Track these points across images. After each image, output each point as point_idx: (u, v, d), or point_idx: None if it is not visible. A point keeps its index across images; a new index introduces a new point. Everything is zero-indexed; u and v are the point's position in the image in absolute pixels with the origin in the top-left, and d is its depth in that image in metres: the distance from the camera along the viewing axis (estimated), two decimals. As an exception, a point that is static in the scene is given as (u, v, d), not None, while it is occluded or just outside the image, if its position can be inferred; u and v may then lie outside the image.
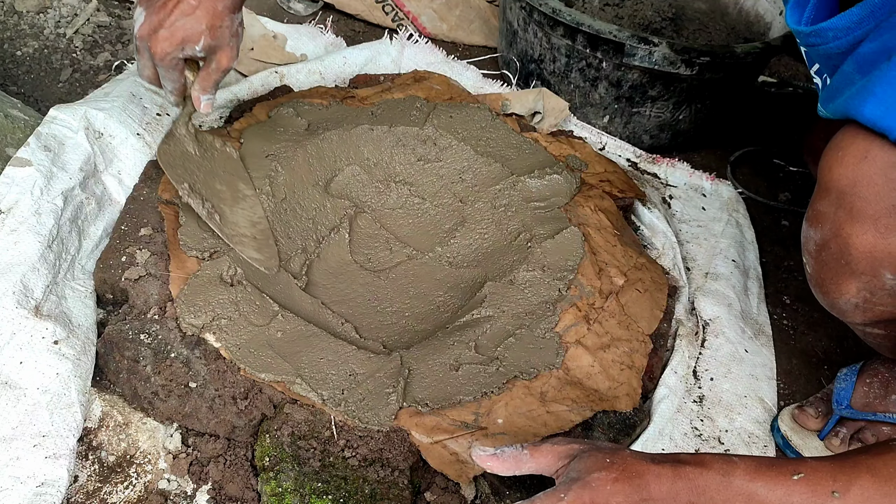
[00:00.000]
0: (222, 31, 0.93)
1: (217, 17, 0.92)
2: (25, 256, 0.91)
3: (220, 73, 0.97)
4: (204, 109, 0.98)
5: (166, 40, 0.90)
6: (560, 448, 0.69)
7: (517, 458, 0.70)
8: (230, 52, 0.96)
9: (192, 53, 0.93)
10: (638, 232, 1.25)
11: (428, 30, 1.67)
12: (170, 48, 0.91)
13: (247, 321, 0.92)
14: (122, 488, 0.85)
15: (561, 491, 0.64)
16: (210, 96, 0.98)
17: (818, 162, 1.51)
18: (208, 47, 0.93)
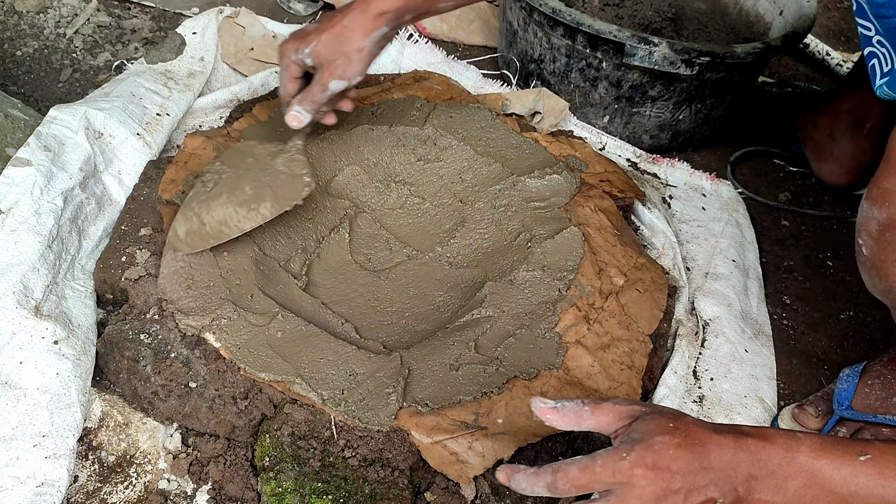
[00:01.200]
0: (339, 45, 0.89)
1: (343, 30, 0.88)
2: (25, 256, 0.91)
3: (320, 88, 0.92)
4: (288, 121, 0.95)
5: (290, 40, 0.91)
6: (621, 408, 0.67)
7: (577, 414, 0.67)
8: (334, 70, 0.91)
9: (302, 59, 0.91)
10: (638, 232, 1.25)
11: (428, 30, 1.67)
12: (288, 46, 0.91)
13: (247, 321, 0.92)
14: (122, 488, 0.85)
15: (623, 451, 0.63)
16: (300, 110, 0.94)
17: (820, 158, 1.51)
18: (317, 56, 0.90)
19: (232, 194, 0.97)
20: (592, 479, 0.62)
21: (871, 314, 1.26)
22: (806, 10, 1.48)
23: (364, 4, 0.89)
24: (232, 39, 1.41)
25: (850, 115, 1.40)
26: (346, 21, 0.89)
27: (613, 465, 0.62)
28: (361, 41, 0.90)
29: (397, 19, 0.90)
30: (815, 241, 1.39)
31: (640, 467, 0.61)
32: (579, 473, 0.63)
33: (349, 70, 0.92)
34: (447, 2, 0.93)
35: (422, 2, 0.90)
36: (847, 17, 2.08)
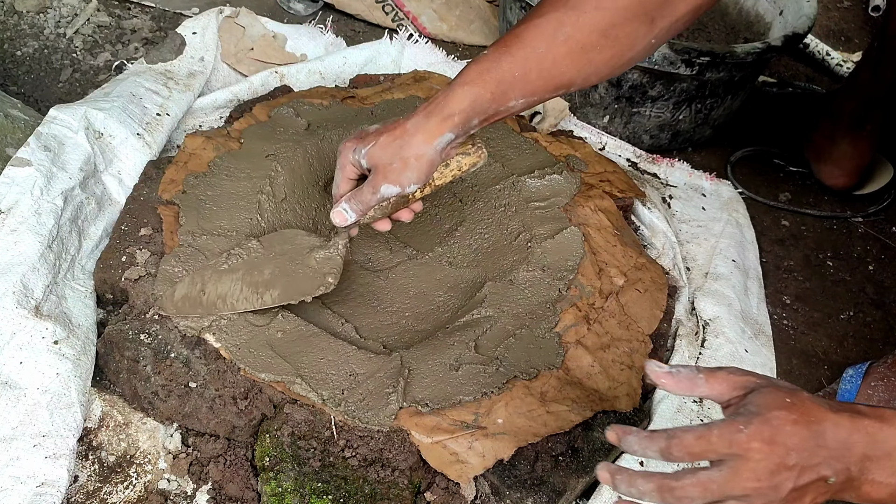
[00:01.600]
0: (398, 150, 0.82)
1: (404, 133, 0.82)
2: (25, 256, 0.91)
3: (371, 191, 0.85)
4: (333, 217, 0.89)
5: (351, 140, 0.86)
6: (736, 378, 0.67)
7: (692, 381, 0.66)
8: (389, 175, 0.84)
9: (358, 160, 0.85)
10: (638, 232, 1.25)
11: (428, 30, 1.67)
12: (347, 145, 0.86)
13: (247, 321, 0.92)
14: (122, 488, 0.85)
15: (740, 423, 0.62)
16: (346, 208, 0.88)
17: (819, 160, 1.51)
18: (372, 158, 0.84)
19: (248, 273, 0.94)
20: (707, 449, 0.62)
21: (871, 314, 1.26)
22: (806, 10, 1.48)
23: (429, 107, 0.82)
24: (232, 39, 1.41)
25: (850, 117, 1.40)
26: (408, 125, 0.82)
27: (730, 437, 0.61)
28: (422, 147, 0.82)
29: (464, 124, 0.82)
30: (815, 241, 1.39)
31: (757, 441, 0.61)
32: (695, 441, 0.62)
33: (404, 176, 0.84)
34: (517, 100, 0.83)
35: (490, 103, 0.82)
36: (847, 17, 2.08)
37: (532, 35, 0.81)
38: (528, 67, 0.81)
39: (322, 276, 0.92)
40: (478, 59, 0.83)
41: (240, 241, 0.95)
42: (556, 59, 0.81)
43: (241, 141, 1.14)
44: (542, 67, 0.81)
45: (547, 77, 0.82)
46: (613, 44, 0.82)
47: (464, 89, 0.81)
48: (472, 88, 0.81)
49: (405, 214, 0.94)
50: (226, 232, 1.00)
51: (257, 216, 1.04)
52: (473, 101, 0.81)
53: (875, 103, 1.39)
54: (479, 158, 0.90)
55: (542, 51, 0.81)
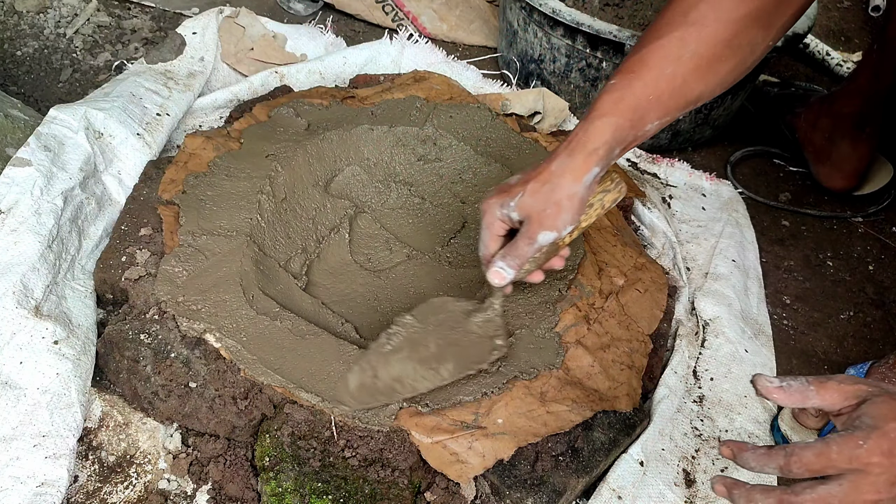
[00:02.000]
0: (549, 194, 0.80)
1: (551, 176, 0.81)
2: (25, 256, 0.91)
3: (528, 243, 0.82)
4: (491, 278, 0.85)
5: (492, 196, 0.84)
6: (847, 388, 0.67)
7: (803, 393, 0.67)
8: (543, 221, 0.81)
9: (507, 214, 0.83)
10: (638, 232, 1.25)
11: (428, 30, 1.67)
12: (492, 201, 0.84)
13: (247, 321, 0.92)
14: (122, 488, 0.85)
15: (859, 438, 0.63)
16: (503, 266, 0.84)
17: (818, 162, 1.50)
18: (523, 208, 0.81)
19: (414, 350, 0.91)
20: (827, 465, 0.62)
21: (871, 314, 1.26)
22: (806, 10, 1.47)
23: (572, 145, 0.81)
24: (232, 39, 1.41)
25: (850, 118, 1.40)
26: (553, 167, 0.81)
27: (850, 453, 0.62)
28: (573, 186, 0.80)
29: (608, 156, 0.81)
30: (815, 241, 1.39)
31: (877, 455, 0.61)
32: (814, 458, 0.63)
33: (559, 220, 0.81)
34: (653, 123, 0.83)
35: (629, 130, 0.81)
36: (847, 17, 2.08)
37: (658, 57, 0.81)
38: (661, 90, 0.81)
39: (489, 339, 0.90)
40: (608, 90, 0.82)
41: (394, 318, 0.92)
42: (685, 77, 0.81)
43: (241, 141, 1.14)
44: (674, 87, 0.81)
45: (678, 96, 0.83)
46: (736, 52, 0.83)
47: (603, 122, 0.80)
48: (611, 119, 0.80)
49: (557, 262, 0.90)
50: (226, 232, 1.00)
51: (257, 216, 1.04)
52: (614, 132, 0.80)
53: (875, 105, 1.39)
54: (619, 194, 0.88)
55: (671, 71, 0.81)
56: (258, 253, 1.01)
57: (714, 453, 0.98)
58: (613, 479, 0.90)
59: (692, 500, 0.92)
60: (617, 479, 0.90)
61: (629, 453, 0.92)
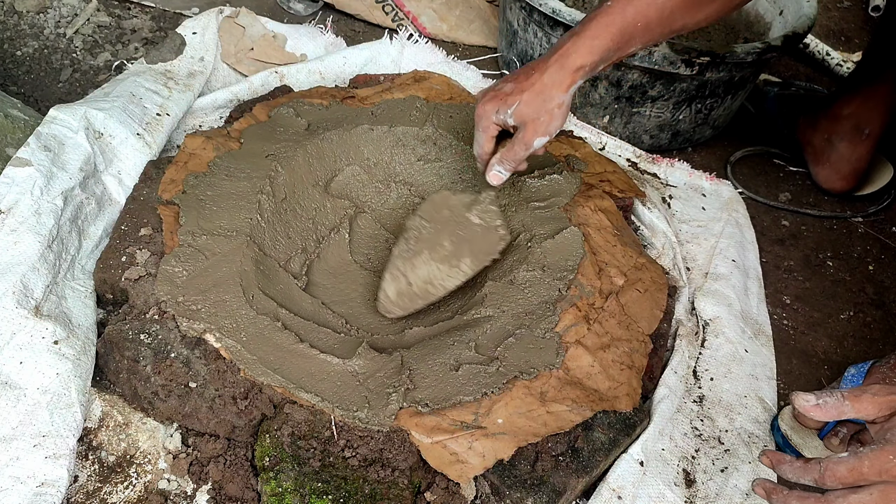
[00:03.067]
0: (542, 104, 0.90)
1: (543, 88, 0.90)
2: (25, 256, 0.91)
3: (524, 147, 0.93)
4: (490, 179, 0.97)
5: (488, 101, 0.92)
6: (881, 399, 0.70)
7: (839, 408, 0.71)
8: (537, 127, 0.92)
9: (503, 119, 0.92)
10: (638, 232, 1.25)
11: (428, 30, 1.67)
12: (487, 107, 0.92)
13: (247, 321, 0.92)
14: (122, 488, 0.85)
15: (889, 452, 0.66)
16: (500, 170, 0.96)
17: (817, 163, 1.51)
18: (520, 116, 0.91)
19: (433, 250, 1.01)
20: (859, 479, 0.66)
21: (871, 314, 1.26)
22: (806, 10, 1.48)
23: (562, 59, 0.90)
24: (232, 39, 1.41)
25: (849, 120, 1.40)
26: (545, 78, 0.90)
27: (881, 467, 0.65)
28: (562, 96, 0.91)
29: (592, 70, 0.92)
30: (815, 241, 1.39)
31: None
32: (847, 473, 0.67)
33: (552, 126, 0.93)
34: (636, 46, 0.93)
35: (614, 51, 0.91)
36: (847, 17, 2.08)
37: None
38: (650, 18, 0.89)
39: (493, 230, 1.01)
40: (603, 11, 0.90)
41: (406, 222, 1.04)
42: (673, 9, 0.89)
43: (241, 141, 1.14)
44: (662, 17, 0.90)
45: (664, 25, 0.91)
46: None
47: (593, 42, 0.89)
48: (600, 42, 0.89)
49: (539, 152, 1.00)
50: (226, 232, 1.01)
51: (257, 216, 1.04)
52: (602, 52, 0.90)
53: (873, 107, 1.39)
54: None
55: (662, 2, 0.89)
56: (258, 253, 1.01)
57: (714, 453, 0.98)
58: (613, 479, 0.90)
59: (692, 500, 0.92)
60: (617, 479, 0.90)
61: (629, 453, 0.92)
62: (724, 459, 0.97)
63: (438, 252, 1.01)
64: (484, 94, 0.94)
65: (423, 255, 1.01)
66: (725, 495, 0.93)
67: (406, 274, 1.00)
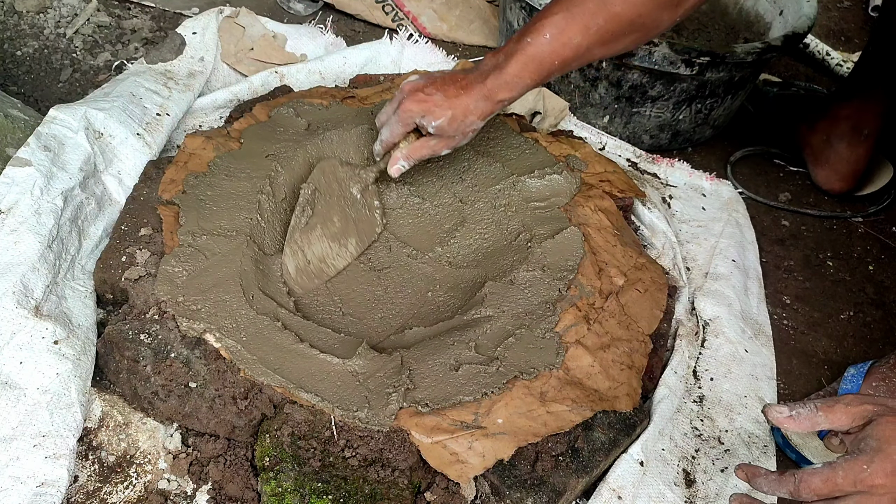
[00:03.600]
0: (460, 125, 0.98)
1: (464, 112, 0.97)
2: (25, 256, 0.91)
3: (430, 153, 1.02)
4: (392, 172, 1.03)
5: (417, 102, 0.98)
6: (854, 409, 0.71)
7: (812, 419, 0.72)
8: (450, 143, 1.01)
9: (424, 124, 0.99)
10: (638, 232, 1.25)
11: (428, 30, 1.67)
12: (413, 109, 0.98)
13: (247, 321, 0.92)
14: (122, 488, 0.85)
15: (863, 462, 0.67)
16: (405, 165, 1.03)
17: (817, 164, 1.51)
18: (439, 129, 0.98)
19: (325, 226, 1.05)
20: (834, 490, 0.67)
21: (870, 314, 1.26)
22: (806, 10, 1.48)
23: (487, 91, 0.97)
24: (232, 39, 1.41)
25: (848, 121, 1.40)
26: (471, 104, 0.97)
27: (855, 477, 0.66)
28: (478, 123, 1.00)
29: (511, 102, 0.99)
30: (815, 241, 1.39)
31: (881, 477, 0.66)
32: (822, 484, 0.68)
33: (460, 143, 1.02)
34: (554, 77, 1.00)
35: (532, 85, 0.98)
36: (847, 17, 2.08)
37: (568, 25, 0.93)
38: (566, 56, 0.95)
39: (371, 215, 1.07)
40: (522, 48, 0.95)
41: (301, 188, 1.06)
42: (590, 46, 0.94)
43: (241, 141, 1.14)
44: (579, 54, 0.95)
45: (582, 59, 0.97)
46: (640, 29, 0.96)
47: (514, 80, 0.96)
48: (520, 80, 0.96)
49: None
50: (226, 232, 1.01)
51: (257, 216, 1.04)
52: (522, 88, 0.97)
53: (872, 107, 1.38)
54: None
55: (578, 41, 0.93)
56: (258, 253, 1.01)
57: (714, 453, 0.98)
58: (613, 479, 0.90)
59: (692, 500, 0.92)
60: (617, 479, 0.90)
61: (629, 453, 0.92)
62: (724, 459, 0.97)
63: (329, 228, 1.05)
64: (413, 91, 0.99)
65: (317, 230, 1.04)
66: (725, 495, 0.93)
67: (303, 249, 1.03)
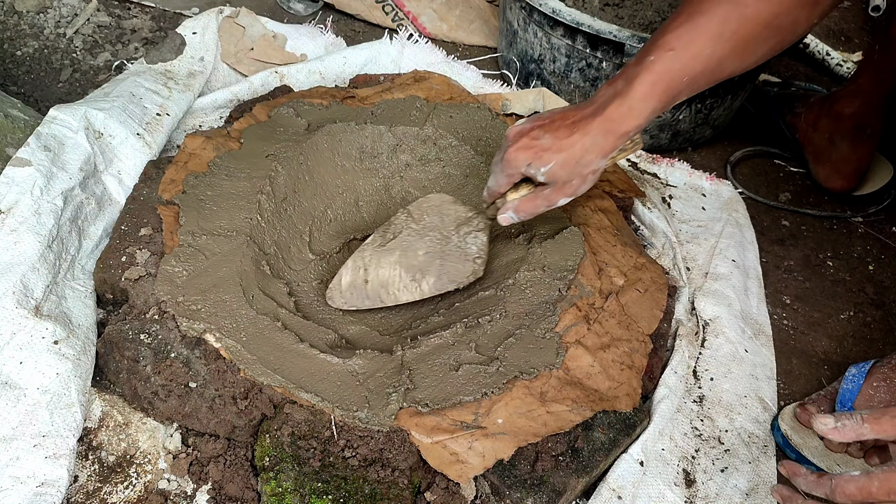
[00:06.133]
0: (576, 168, 0.86)
1: (579, 153, 0.85)
2: (25, 256, 0.91)
3: (545, 204, 0.91)
4: (501, 222, 0.94)
5: (522, 149, 0.87)
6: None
7: (857, 430, 0.72)
8: (566, 190, 0.89)
9: (533, 173, 0.88)
10: (638, 232, 1.25)
11: (428, 30, 1.67)
12: (520, 157, 0.87)
13: (247, 321, 0.92)
14: (122, 488, 0.85)
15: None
16: (514, 216, 0.92)
17: (818, 162, 1.51)
18: (552, 176, 0.87)
19: (405, 255, 0.98)
20: (868, 497, 0.68)
21: (870, 314, 1.26)
22: (806, 10, 1.47)
23: (607, 124, 0.84)
24: (232, 39, 1.41)
25: (851, 120, 1.40)
26: (587, 142, 0.85)
27: (889, 488, 0.67)
28: (598, 163, 0.87)
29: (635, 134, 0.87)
30: (815, 241, 1.39)
31: None
32: (856, 491, 0.69)
33: (580, 189, 0.90)
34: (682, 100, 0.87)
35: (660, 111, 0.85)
36: (847, 17, 2.08)
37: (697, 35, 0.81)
38: (696, 72, 0.82)
39: (469, 261, 0.98)
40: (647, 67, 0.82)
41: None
42: (721, 59, 0.82)
43: (241, 141, 1.14)
44: (709, 69, 0.82)
45: (711, 76, 0.84)
46: (777, 33, 0.83)
47: (640, 106, 0.83)
48: (646, 104, 0.83)
49: None
50: (226, 232, 1.01)
51: (257, 216, 1.04)
52: (647, 116, 0.84)
53: (875, 106, 1.38)
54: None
55: (709, 52, 0.81)
56: (258, 253, 1.01)
57: (714, 453, 0.98)
58: (613, 479, 0.90)
59: (692, 500, 0.92)
60: (617, 479, 0.90)
61: (629, 453, 0.92)
62: (724, 459, 0.97)
63: (409, 258, 0.97)
64: (518, 136, 0.88)
65: (395, 255, 0.97)
66: (725, 495, 0.93)
67: (368, 268, 0.96)
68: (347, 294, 0.97)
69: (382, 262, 0.97)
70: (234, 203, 1.05)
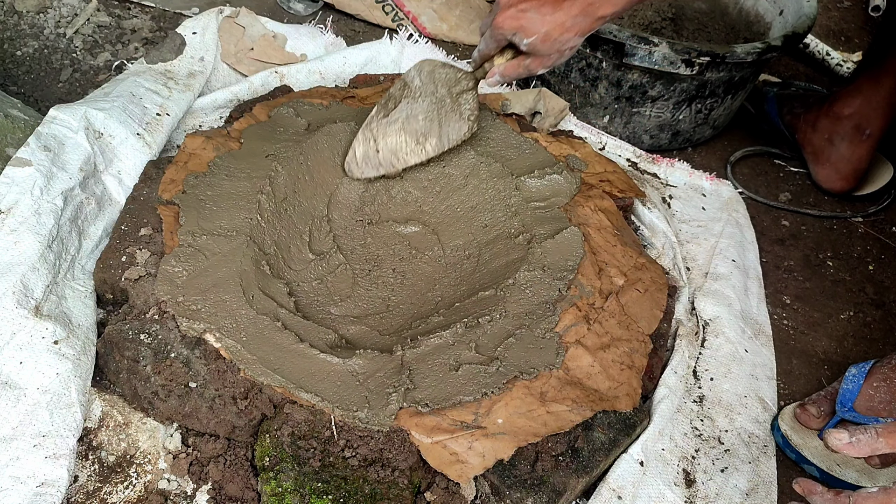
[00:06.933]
0: (555, 44, 0.97)
1: (559, 29, 0.95)
2: (25, 256, 0.91)
3: (525, 72, 1.02)
4: (488, 83, 1.07)
5: (510, 19, 0.96)
6: None
7: (872, 445, 0.73)
8: (545, 62, 1.00)
9: (516, 42, 0.98)
10: (638, 232, 1.25)
11: (428, 30, 1.67)
12: (506, 26, 0.97)
13: (247, 321, 0.92)
14: (122, 488, 0.85)
15: None
16: (500, 80, 1.05)
17: (817, 163, 1.51)
18: (533, 48, 0.97)
19: (407, 121, 1.08)
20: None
21: (871, 314, 1.26)
22: (806, 10, 1.48)
23: (587, 7, 0.94)
24: (232, 39, 1.41)
25: (850, 120, 1.40)
26: (568, 21, 0.94)
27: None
28: (577, 40, 0.97)
29: (611, 20, 0.98)
30: (815, 241, 1.39)
31: None
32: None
33: (557, 62, 1.00)
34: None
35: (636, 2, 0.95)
36: (847, 17, 2.08)
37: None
38: None
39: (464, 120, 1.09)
40: None
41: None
42: None
43: (241, 141, 1.14)
44: None
45: None
46: None
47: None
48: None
49: None
50: (226, 232, 1.01)
51: (257, 216, 1.04)
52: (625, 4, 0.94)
53: (875, 107, 1.38)
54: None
55: None
56: (258, 253, 1.01)
57: (714, 453, 0.98)
58: (613, 479, 0.90)
59: (692, 500, 0.92)
60: (617, 479, 0.90)
61: (629, 453, 0.92)
62: (724, 459, 0.97)
63: (411, 124, 1.07)
64: (507, 4, 0.97)
65: (398, 123, 1.06)
66: (725, 495, 0.93)
67: (377, 139, 1.06)
68: (363, 165, 1.07)
69: (389, 131, 1.07)
70: (234, 203, 1.05)
